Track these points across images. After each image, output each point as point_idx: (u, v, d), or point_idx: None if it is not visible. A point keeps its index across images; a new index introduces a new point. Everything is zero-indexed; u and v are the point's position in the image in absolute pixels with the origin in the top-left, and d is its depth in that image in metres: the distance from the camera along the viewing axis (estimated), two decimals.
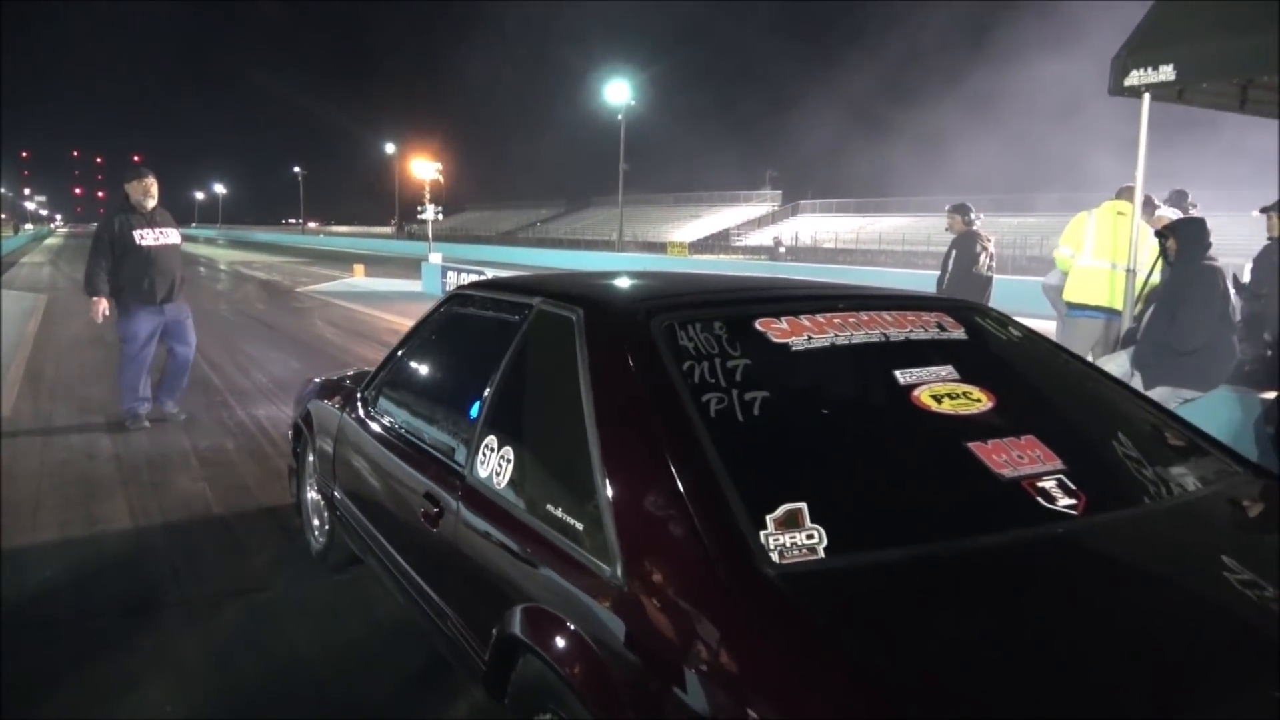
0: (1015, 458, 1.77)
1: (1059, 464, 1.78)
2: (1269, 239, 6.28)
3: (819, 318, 2.08)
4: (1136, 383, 4.93)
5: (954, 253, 7.24)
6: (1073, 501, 1.70)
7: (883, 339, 2.08)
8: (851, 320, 2.11)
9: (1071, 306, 6.35)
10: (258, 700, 2.68)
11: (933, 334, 2.17)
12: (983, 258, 7.16)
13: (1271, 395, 4.71)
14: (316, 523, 3.76)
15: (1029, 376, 2.27)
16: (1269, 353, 5.38)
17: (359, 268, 26.17)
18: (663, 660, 1.47)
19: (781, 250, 48.95)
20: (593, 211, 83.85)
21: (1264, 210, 6.27)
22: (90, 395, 7.13)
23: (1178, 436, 2.12)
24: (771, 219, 66.36)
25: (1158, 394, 4.85)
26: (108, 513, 4.33)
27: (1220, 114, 6.45)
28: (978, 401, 1.92)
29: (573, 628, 1.67)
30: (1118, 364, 5.20)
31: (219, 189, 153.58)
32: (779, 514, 1.51)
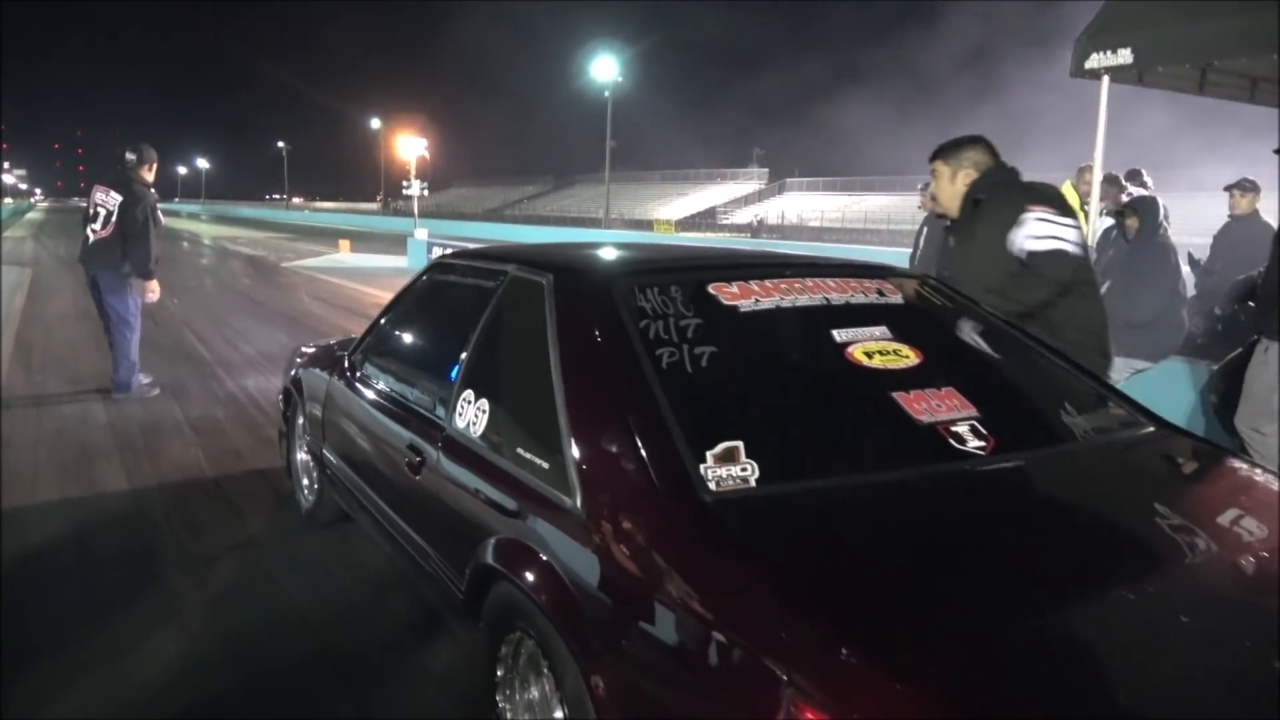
0: (934, 406, 1.99)
1: (974, 412, 2.00)
2: (1229, 216, 6.53)
3: (767, 283, 2.29)
4: None
5: (924, 230, 7.46)
6: (982, 444, 1.92)
7: (824, 302, 2.29)
8: (798, 285, 2.32)
9: None
10: (254, 640, 2.90)
11: (872, 298, 2.38)
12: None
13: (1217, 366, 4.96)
14: (306, 482, 3.96)
15: (957, 337, 2.49)
16: (1218, 326, 5.63)
17: (345, 243, 26.20)
18: (615, 577, 1.68)
19: (762, 228, 49.13)
20: (580, 189, 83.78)
21: (1227, 188, 6.51)
22: (81, 368, 7.28)
23: (1089, 392, 2.35)
24: (758, 197, 66.55)
25: (1112, 364, 5.08)
26: (104, 476, 4.52)
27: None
28: (905, 358, 2.14)
29: (538, 554, 1.88)
30: None
31: (202, 164, 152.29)
32: (718, 450, 1.72)
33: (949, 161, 3.15)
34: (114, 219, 6.11)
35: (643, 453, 1.73)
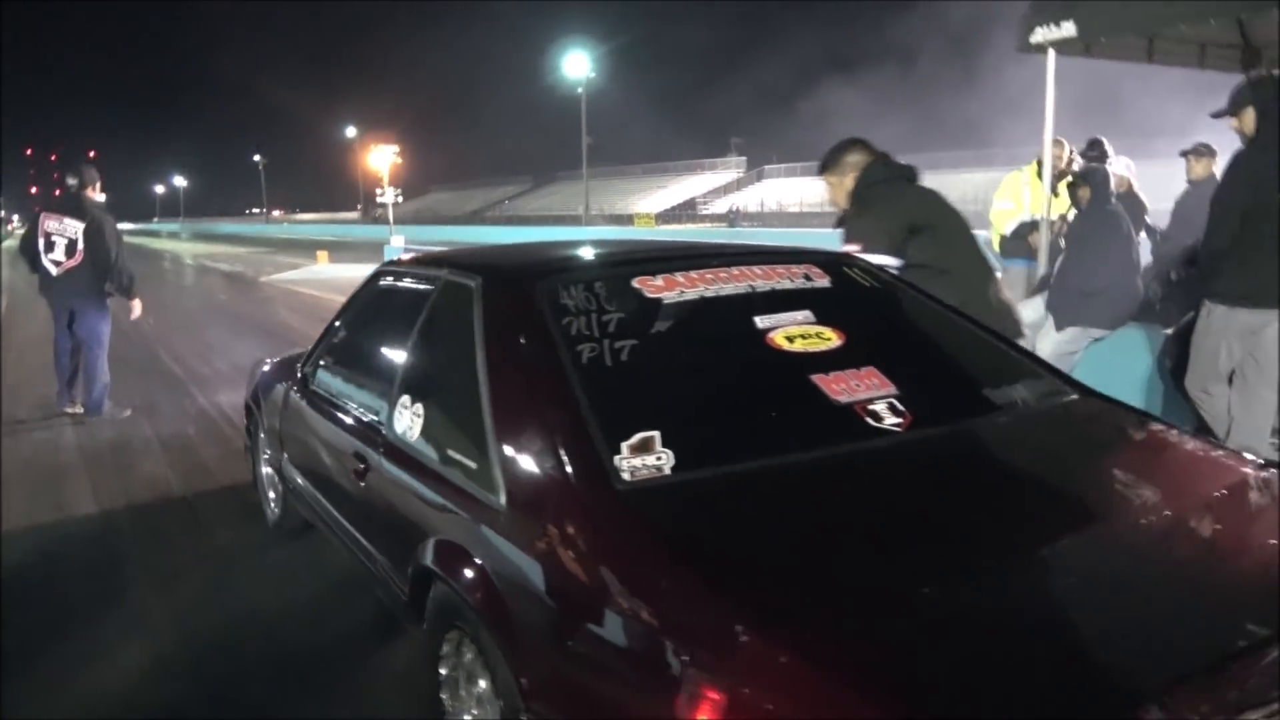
0: (852, 386, 2.03)
1: (892, 390, 2.05)
2: (1188, 182, 6.59)
3: (693, 274, 2.33)
4: (1050, 325, 5.23)
5: None
6: (899, 420, 1.96)
7: (749, 290, 2.33)
8: (723, 275, 2.36)
9: (1009, 257, 6.74)
10: (216, 647, 2.94)
11: (798, 284, 2.42)
12: None
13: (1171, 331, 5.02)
14: (272, 495, 3.99)
15: (881, 317, 2.54)
16: (1173, 292, 5.69)
17: (322, 254, 26.10)
18: (538, 573, 1.73)
19: (740, 217, 49.18)
20: (559, 186, 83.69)
21: (1182, 153, 6.56)
22: (53, 392, 7.25)
23: (1015, 364, 2.39)
24: (737, 185, 66.59)
25: (1068, 334, 5.16)
26: (73, 498, 4.53)
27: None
28: (827, 340, 2.19)
29: (470, 554, 1.92)
30: (1033, 308, 5.51)
31: (179, 181, 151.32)
32: (634, 441, 1.76)
33: (834, 171, 3.51)
34: (79, 247, 6.03)
35: (560, 449, 1.77)
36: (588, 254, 2.62)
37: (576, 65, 46.45)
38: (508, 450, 1.89)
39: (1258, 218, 3.58)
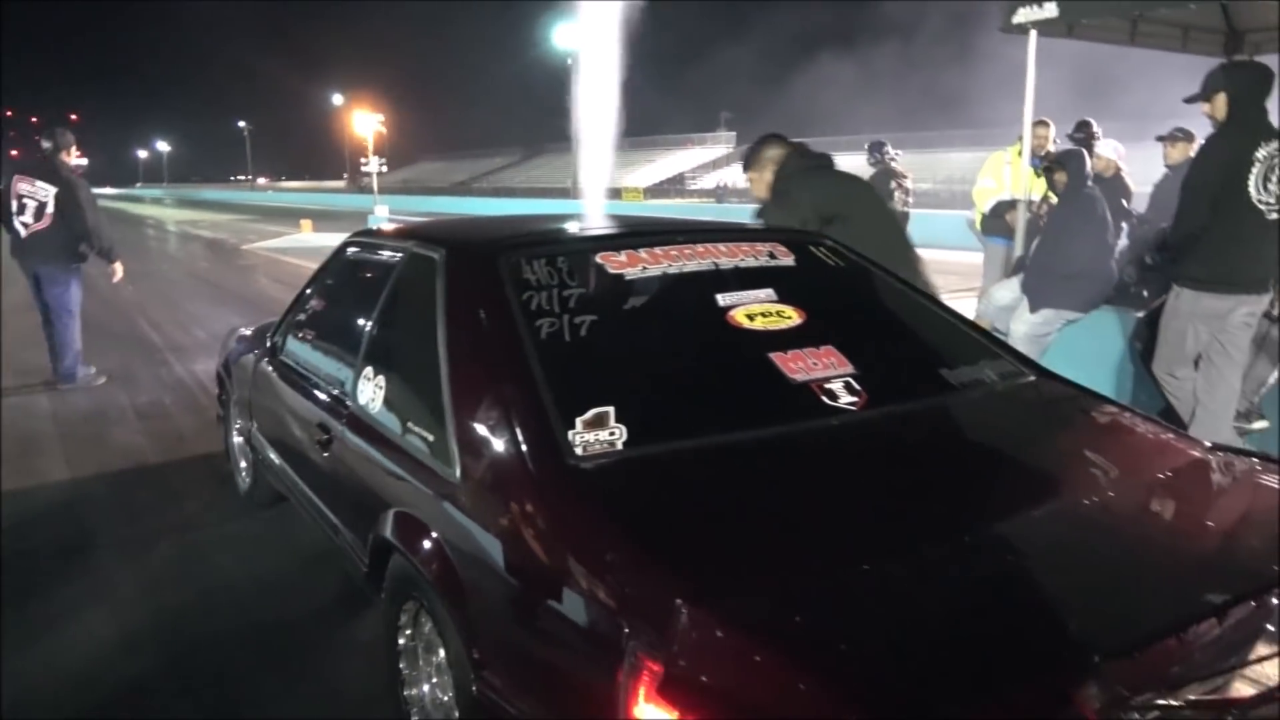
0: (810, 364, 2.05)
1: (850, 369, 2.07)
2: (1166, 167, 6.62)
3: (657, 250, 2.34)
4: (1024, 307, 5.26)
5: None
6: (854, 399, 1.98)
7: (713, 267, 2.34)
8: (687, 252, 2.37)
9: (990, 235, 6.79)
10: (182, 616, 2.95)
11: (762, 262, 2.43)
12: (896, 194, 7.46)
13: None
14: (244, 464, 3.99)
15: (845, 297, 2.55)
16: (1148, 275, 5.73)
17: (306, 223, 25.88)
18: (489, 546, 1.74)
19: (727, 193, 48.97)
20: (548, 159, 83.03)
21: (1159, 139, 6.59)
22: (29, 359, 7.20)
23: (974, 345, 2.41)
24: (726, 160, 66.26)
25: (1043, 316, 5.19)
26: (45, 466, 4.52)
27: None
28: (788, 319, 2.20)
29: (425, 526, 1.94)
30: (1009, 289, 5.54)
31: (163, 146, 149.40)
32: (588, 416, 1.78)
33: (754, 167, 3.69)
34: (49, 210, 5.96)
35: (514, 423, 1.78)
36: (554, 229, 2.62)
37: (566, 36, 45.95)
38: (463, 424, 1.90)
39: (1227, 203, 3.61)
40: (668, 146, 74.81)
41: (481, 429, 1.86)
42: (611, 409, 1.79)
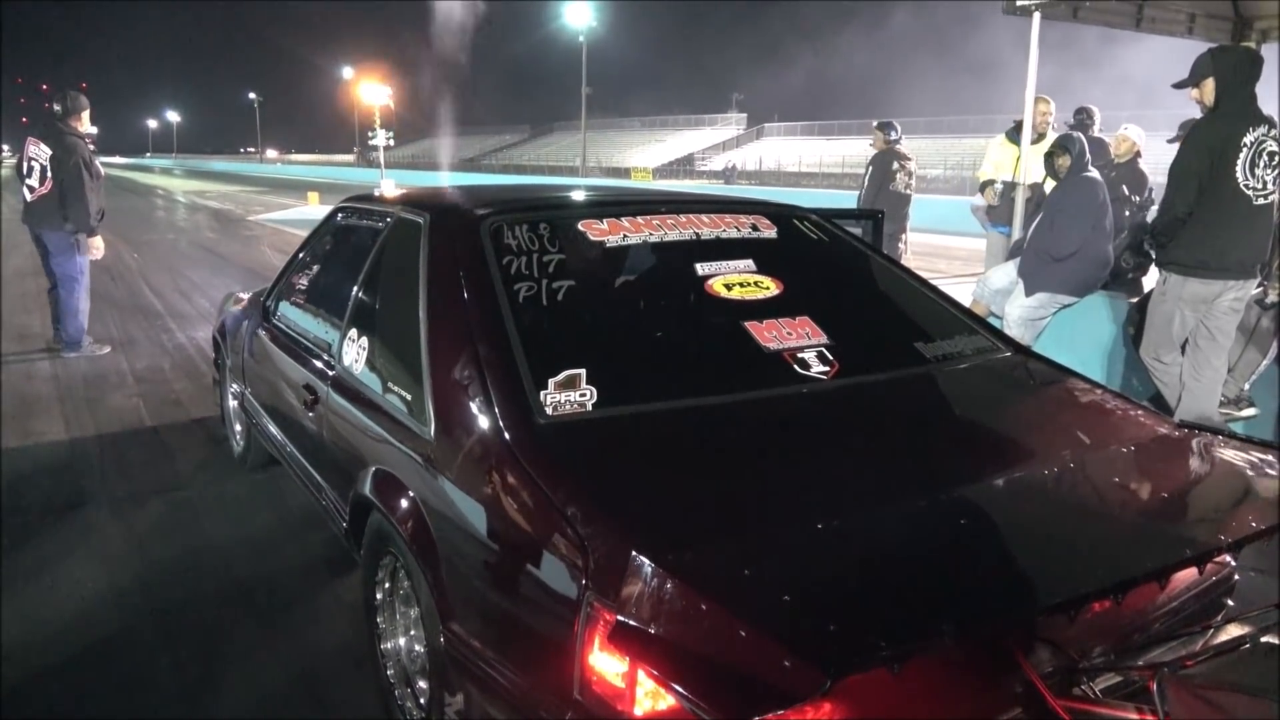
0: (784, 334, 2.08)
1: (824, 339, 2.10)
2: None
3: (639, 219, 2.36)
4: (1020, 290, 5.27)
5: (870, 170, 7.53)
6: (825, 369, 2.02)
7: (694, 237, 2.37)
8: (669, 221, 2.39)
9: (996, 223, 6.79)
10: (169, 573, 3.01)
11: (744, 233, 2.46)
12: (900, 175, 7.45)
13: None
14: (238, 428, 4.04)
15: (824, 269, 2.58)
16: (1144, 261, 5.73)
17: (313, 195, 25.84)
18: (460, 502, 1.78)
19: (735, 174, 48.82)
20: (557, 137, 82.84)
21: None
22: (33, 325, 7.27)
23: (950, 320, 2.44)
24: (736, 142, 65.98)
25: (1037, 299, 5.20)
26: (44, 427, 4.58)
27: None
28: (766, 289, 2.23)
29: (402, 483, 1.98)
30: (1005, 272, 5.55)
31: (173, 117, 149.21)
32: (560, 378, 1.82)
33: None
34: (48, 173, 5.94)
35: (487, 383, 1.81)
36: (540, 197, 2.65)
37: (579, 13, 45.73)
38: (438, 383, 1.94)
39: (1214, 188, 3.62)
40: (678, 126, 74.48)
41: (456, 388, 1.90)
42: (583, 371, 1.83)
